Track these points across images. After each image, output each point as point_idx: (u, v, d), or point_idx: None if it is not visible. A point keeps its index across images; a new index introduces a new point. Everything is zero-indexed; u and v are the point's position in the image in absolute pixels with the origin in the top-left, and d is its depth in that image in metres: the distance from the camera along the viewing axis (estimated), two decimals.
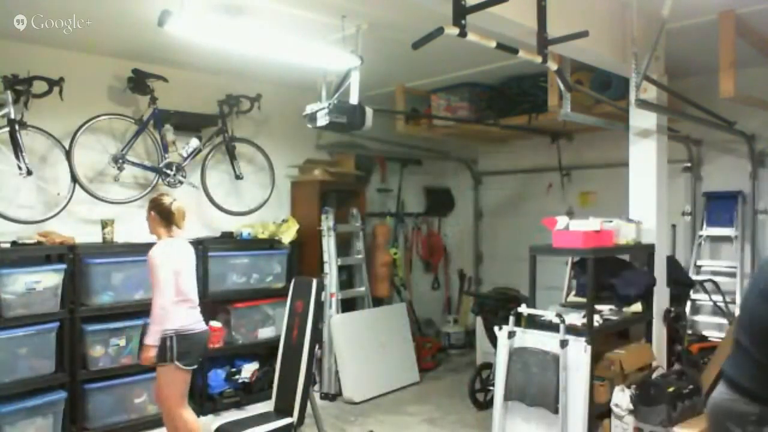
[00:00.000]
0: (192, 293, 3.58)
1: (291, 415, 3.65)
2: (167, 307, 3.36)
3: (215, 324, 4.86)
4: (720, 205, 5.20)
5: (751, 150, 5.03)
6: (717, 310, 5.01)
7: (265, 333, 5.20)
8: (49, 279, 3.98)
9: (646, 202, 4.08)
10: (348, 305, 5.62)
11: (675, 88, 4.34)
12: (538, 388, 3.47)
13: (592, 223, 3.64)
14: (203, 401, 4.78)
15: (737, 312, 4.78)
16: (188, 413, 3.49)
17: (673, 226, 5.32)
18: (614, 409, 3.58)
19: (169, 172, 4.68)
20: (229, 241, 5.11)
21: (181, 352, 3.39)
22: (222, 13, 3.50)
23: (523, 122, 5.34)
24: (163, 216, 3.54)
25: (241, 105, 5.13)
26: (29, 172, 3.99)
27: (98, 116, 4.41)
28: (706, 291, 4.98)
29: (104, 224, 4.39)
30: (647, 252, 4.04)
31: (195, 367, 3.50)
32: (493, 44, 2.75)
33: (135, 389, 4.39)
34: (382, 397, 5.29)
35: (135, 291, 4.43)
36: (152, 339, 3.34)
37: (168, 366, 3.38)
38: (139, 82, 4.55)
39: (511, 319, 3.71)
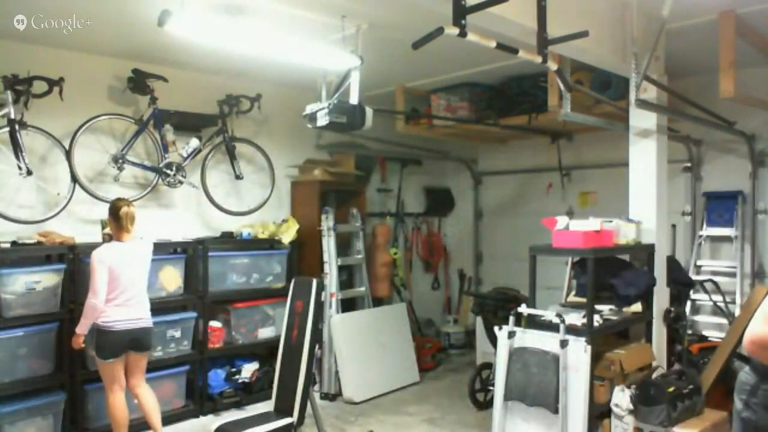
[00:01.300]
0: (128, 292, 3.79)
1: (291, 415, 3.65)
2: (96, 305, 3.65)
3: (215, 324, 4.87)
4: (720, 205, 5.20)
5: (751, 150, 5.03)
6: (717, 310, 5.01)
7: (265, 333, 5.20)
8: (49, 279, 3.99)
9: (646, 202, 4.08)
10: (348, 305, 5.62)
11: (675, 88, 4.34)
12: (538, 388, 3.47)
13: (592, 223, 3.65)
14: (203, 401, 4.78)
15: (737, 312, 4.79)
16: (112, 398, 3.78)
17: (673, 226, 5.33)
18: (614, 409, 3.58)
19: (169, 172, 4.69)
20: (229, 241, 5.11)
21: (98, 345, 3.73)
22: (222, 13, 3.50)
23: (523, 122, 5.34)
24: (114, 219, 3.82)
25: (241, 105, 5.13)
26: (29, 172, 4.00)
27: (98, 116, 4.41)
28: (706, 291, 4.98)
29: (104, 224, 4.39)
30: (647, 252, 4.04)
31: (111, 360, 3.74)
32: (493, 44, 2.75)
33: None
34: (382, 397, 5.29)
35: None
36: (80, 329, 3.71)
37: (93, 354, 3.79)
38: (139, 82, 4.55)
39: (511, 319, 3.71)
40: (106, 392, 3.81)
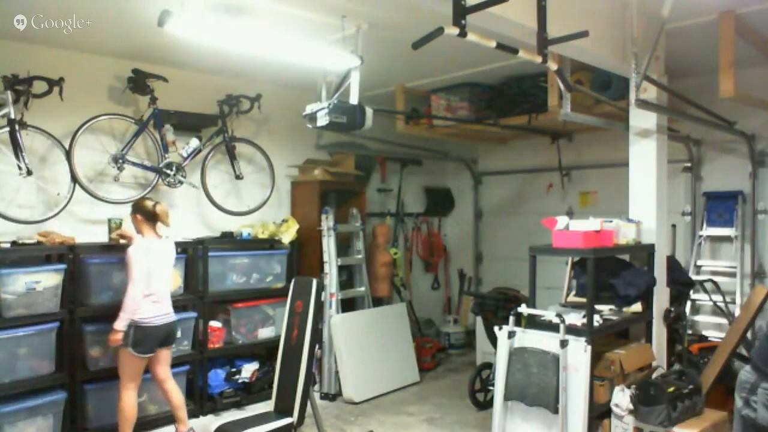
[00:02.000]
0: (161, 288, 3.95)
1: (291, 415, 3.65)
2: (137, 300, 3.77)
3: (215, 324, 4.87)
4: (720, 205, 5.20)
5: (751, 150, 5.03)
6: (717, 310, 5.01)
7: (265, 333, 5.20)
8: (49, 279, 3.98)
9: (646, 202, 4.08)
10: (348, 305, 5.62)
11: (675, 88, 4.33)
12: (538, 388, 3.47)
13: (592, 223, 3.64)
14: (203, 401, 4.78)
15: (737, 312, 4.79)
16: (127, 395, 3.85)
17: (673, 226, 5.32)
18: (614, 409, 3.58)
19: (169, 172, 4.69)
20: (229, 241, 5.11)
21: (136, 340, 3.79)
22: (222, 13, 3.50)
23: (523, 122, 5.33)
24: (148, 217, 3.95)
25: (241, 105, 5.12)
26: (29, 172, 4.00)
27: (98, 116, 4.41)
28: (706, 291, 4.98)
29: (113, 226, 4.36)
30: (647, 252, 4.04)
31: (149, 355, 3.87)
32: (493, 44, 2.75)
33: None
34: (382, 397, 5.29)
35: None
36: (120, 325, 3.76)
37: (125, 349, 3.80)
38: (139, 82, 4.55)
39: (511, 319, 3.71)
40: (120, 389, 3.85)
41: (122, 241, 4.22)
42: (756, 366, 2.20)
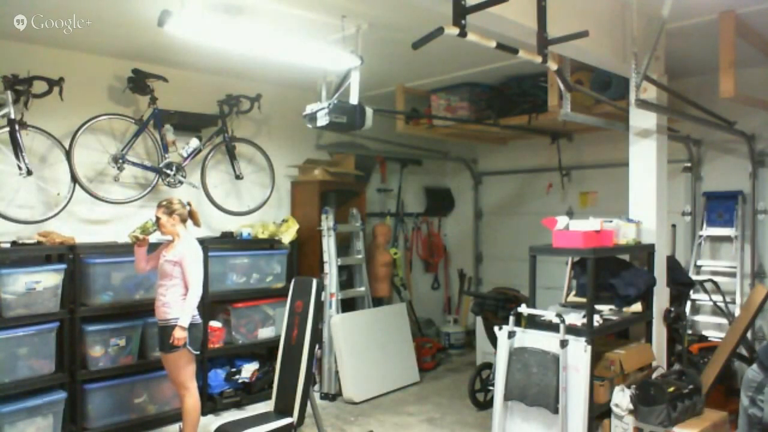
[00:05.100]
0: None
1: (291, 415, 3.65)
2: (199, 297, 3.78)
3: (215, 324, 4.87)
4: (720, 205, 5.21)
5: (751, 150, 5.03)
6: (717, 310, 5.01)
7: (265, 333, 5.20)
8: (49, 279, 3.99)
9: (646, 202, 4.08)
10: (348, 305, 5.62)
11: (675, 88, 4.34)
12: (538, 388, 3.47)
13: (592, 223, 3.65)
14: (203, 401, 4.76)
15: (737, 312, 4.79)
16: (196, 395, 3.87)
17: (673, 226, 5.32)
18: (614, 409, 3.58)
19: (169, 172, 4.69)
20: (229, 241, 5.11)
21: (193, 338, 3.78)
22: (222, 13, 3.50)
23: (523, 122, 5.34)
24: (184, 218, 3.94)
25: (241, 105, 5.13)
26: (29, 172, 4.00)
27: (98, 116, 4.41)
28: (706, 291, 4.98)
29: (148, 230, 3.87)
30: (647, 252, 4.04)
31: (199, 353, 3.87)
32: (493, 44, 2.75)
33: (135, 389, 4.39)
34: (382, 397, 5.29)
35: (135, 291, 4.44)
36: (185, 322, 3.71)
37: (184, 349, 3.74)
38: (139, 82, 4.55)
39: (511, 319, 3.71)
40: (184, 392, 3.81)
41: (141, 237, 3.88)
42: (763, 364, 2.19)
